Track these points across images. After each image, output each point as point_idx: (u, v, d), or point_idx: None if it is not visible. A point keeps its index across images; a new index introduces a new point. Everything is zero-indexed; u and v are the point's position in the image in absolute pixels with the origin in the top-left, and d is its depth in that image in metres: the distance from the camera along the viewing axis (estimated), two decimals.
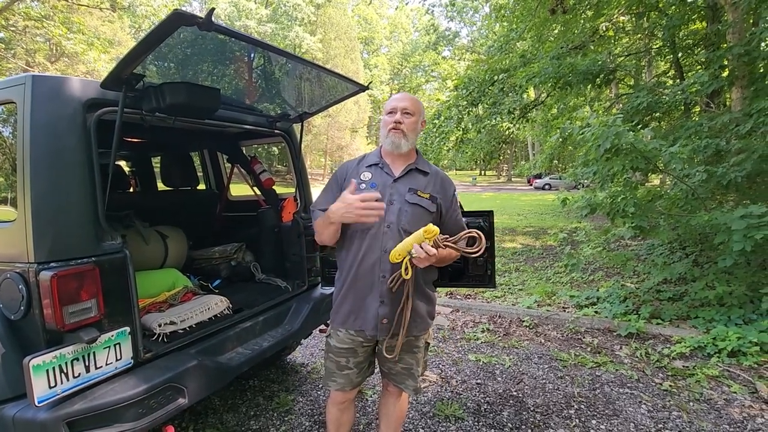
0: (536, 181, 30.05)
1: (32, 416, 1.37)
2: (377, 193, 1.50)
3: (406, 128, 1.63)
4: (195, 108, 1.90)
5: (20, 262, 1.47)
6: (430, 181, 1.69)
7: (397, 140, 1.63)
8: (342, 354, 1.73)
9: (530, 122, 9.48)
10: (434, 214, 1.64)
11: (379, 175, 1.67)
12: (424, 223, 1.51)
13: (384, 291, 1.60)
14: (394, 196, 1.63)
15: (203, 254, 3.08)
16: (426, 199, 1.63)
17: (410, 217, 1.60)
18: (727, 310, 3.61)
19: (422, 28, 41.39)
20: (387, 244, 1.57)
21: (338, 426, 1.90)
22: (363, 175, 1.68)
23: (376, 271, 1.60)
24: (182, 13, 1.27)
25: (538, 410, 2.62)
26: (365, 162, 1.74)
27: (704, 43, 6.41)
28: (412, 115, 1.65)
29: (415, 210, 1.62)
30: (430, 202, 1.64)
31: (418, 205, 1.62)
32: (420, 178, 1.69)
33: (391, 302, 1.60)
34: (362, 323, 1.66)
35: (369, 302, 1.63)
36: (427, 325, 1.75)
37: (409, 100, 1.67)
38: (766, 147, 3.52)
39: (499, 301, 4.81)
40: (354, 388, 1.80)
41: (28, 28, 13.17)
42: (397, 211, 1.61)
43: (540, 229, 9.95)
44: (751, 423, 2.43)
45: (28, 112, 1.46)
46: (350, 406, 1.90)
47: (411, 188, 1.65)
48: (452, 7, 25.28)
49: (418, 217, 1.60)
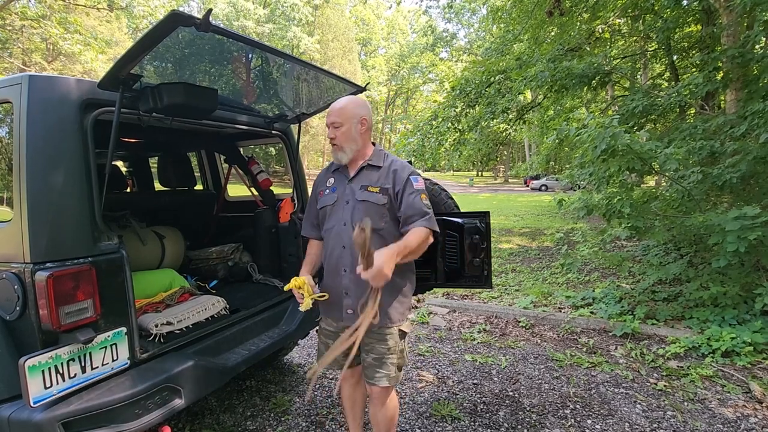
0: (533, 182, 30.13)
1: (28, 417, 1.37)
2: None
3: (339, 141, 1.75)
4: (192, 108, 1.90)
5: (16, 263, 1.47)
6: (382, 174, 1.77)
7: (337, 155, 1.79)
8: (329, 336, 1.87)
9: (527, 124, 9.51)
10: (385, 204, 1.73)
11: (339, 178, 1.84)
12: (375, 216, 1.69)
13: (347, 283, 1.75)
14: (349, 196, 1.78)
15: (200, 255, 3.08)
16: (375, 193, 1.73)
17: (362, 213, 1.71)
18: (721, 311, 3.64)
19: (419, 29, 41.46)
20: (345, 240, 1.73)
21: (353, 402, 2.05)
22: (328, 182, 1.87)
23: (340, 265, 1.76)
24: (180, 14, 1.27)
25: (534, 410, 2.63)
26: (332, 167, 1.90)
27: (699, 46, 6.46)
28: (342, 125, 1.73)
29: (365, 206, 1.74)
30: (380, 195, 1.73)
31: (367, 200, 1.73)
32: (373, 173, 1.78)
33: (354, 294, 1.73)
34: (335, 312, 1.83)
35: (336, 293, 1.79)
36: (393, 318, 1.76)
37: (334, 114, 1.75)
38: (760, 149, 3.55)
39: (496, 302, 4.82)
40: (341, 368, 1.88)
41: (25, 27, 13.10)
42: (350, 210, 1.76)
43: (536, 230, 9.98)
44: (744, 422, 2.45)
45: (25, 112, 1.46)
46: (360, 382, 2.00)
47: (363, 185, 1.76)
48: (450, 8, 25.36)
49: (368, 212, 1.72)
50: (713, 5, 5.32)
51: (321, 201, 1.86)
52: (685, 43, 7.25)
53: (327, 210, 1.83)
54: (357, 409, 2.07)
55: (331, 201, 1.81)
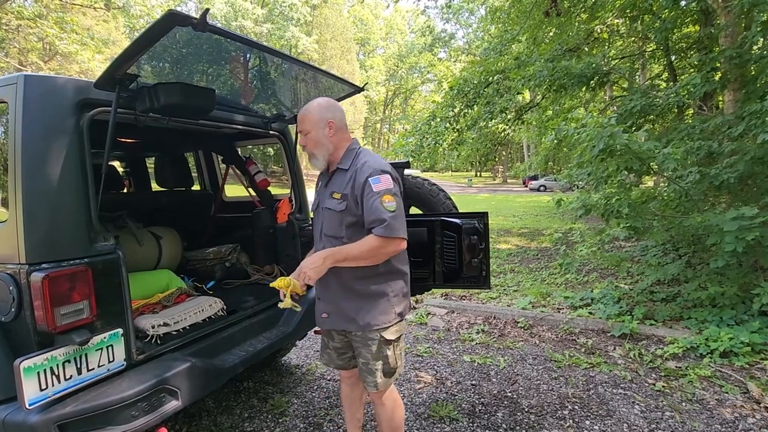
0: (531, 182, 30.19)
1: (23, 419, 1.36)
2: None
3: (309, 148, 1.73)
4: (189, 108, 1.89)
5: (11, 263, 1.46)
6: (346, 177, 1.68)
7: (312, 162, 1.77)
8: (325, 334, 1.94)
9: (525, 124, 9.52)
10: (344, 212, 1.65)
11: (322, 183, 1.83)
12: (335, 224, 1.67)
13: (318, 289, 1.81)
14: (321, 203, 1.77)
15: (198, 255, 3.06)
16: (335, 200, 1.68)
17: (327, 221, 1.72)
18: (720, 311, 3.64)
19: (418, 29, 41.49)
20: (319, 248, 1.73)
21: (350, 402, 2.05)
22: (318, 185, 1.87)
23: None
24: (176, 14, 1.26)
25: (532, 411, 2.63)
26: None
27: (697, 47, 6.47)
28: (309, 132, 1.70)
29: (328, 214, 1.71)
30: (337, 202, 1.67)
31: (329, 208, 1.70)
32: (340, 177, 1.72)
33: (326, 299, 1.78)
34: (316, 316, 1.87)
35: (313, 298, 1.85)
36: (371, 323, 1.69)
37: (300, 121, 1.72)
38: (757, 149, 3.55)
39: (494, 302, 4.82)
40: (339, 368, 1.95)
41: (22, 27, 13.05)
42: (320, 218, 1.77)
43: (535, 230, 9.99)
44: (742, 423, 2.46)
45: (20, 112, 1.45)
46: (358, 383, 1.99)
47: (332, 191, 1.71)
48: (448, 9, 25.37)
49: (330, 220, 1.71)
50: (711, 6, 5.33)
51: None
52: (684, 43, 7.27)
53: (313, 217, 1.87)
54: (355, 408, 2.07)
55: (314, 207, 1.85)
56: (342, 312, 1.74)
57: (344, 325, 1.76)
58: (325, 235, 1.72)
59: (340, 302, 1.74)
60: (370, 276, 1.70)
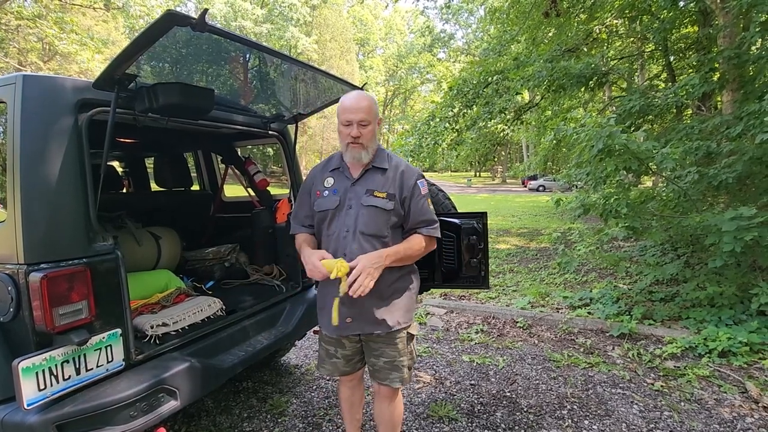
0: (531, 182, 30.18)
1: (21, 419, 1.36)
2: (321, 259, 1.56)
3: (365, 140, 1.63)
4: (188, 108, 1.89)
5: (10, 263, 1.46)
6: (388, 177, 1.68)
7: (357, 154, 1.65)
8: (331, 343, 1.84)
9: (525, 124, 9.54)
10: (392, 211, 1.65)
11: (340, 179, 1.72)
12: (380, 222, 1.61)
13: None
14: (352, 200, 1.67)
15: (197, 255, 3.06)
16: (382, 199, 1.64)
17: (366, 219, 1.63)
18: (718, 311, 3.65)
19: (417, 30, 41.52)
20: (347, 247, 1.63)
21: (350, 404, 2.03)
22: (326, 181, 1.74)
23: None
24: (175, 14, 1.26)
25: (531, 411, 2.63)
26: (329, 166, 1.78)
27: (696, 47, 6.49)
28: (369, 124, 1.63)
29: (371, 212, 1.64)
30: (386, 201, 1.64)
31: (374, 206, 1.64)
32: (378, 176, 1.68)
33: (352, 302, 1.63)
34: (326, 324, 1.75)
35: (331, 303, 1.67)
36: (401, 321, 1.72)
37: (364, 111, 1.61)
38: (756, 149, 3.56)
39: (493, 302, 4.82)
40: (343, 375, 1.90)
41: (21, 27, 13.04)
42: (354, 216, 1.65)
43: (534, 230, 10.00)
44: (740, 422, 2.46)
45: (18, 112, 1.45)
46: (359, 385, 2.00)
47: (368, 189, 1.66)
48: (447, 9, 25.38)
49: (374, 219, 1.64)
50: (710, 6, 5.35)
51: (319, 203, 1.72)
52: (682, 44, 7.29)
53: (328, 214, 1.69)
54: (355, 410, 2.06)
55: (333, 205, 1.68)
56: (370, 315, 1.68)
57: (370, 328, 1.70)
58: (363, 234, 1.63)
59: (367, 305, 1.66)
60: (398, 276, 1.72)
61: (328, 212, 1.69)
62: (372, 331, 1.71)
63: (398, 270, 1.71)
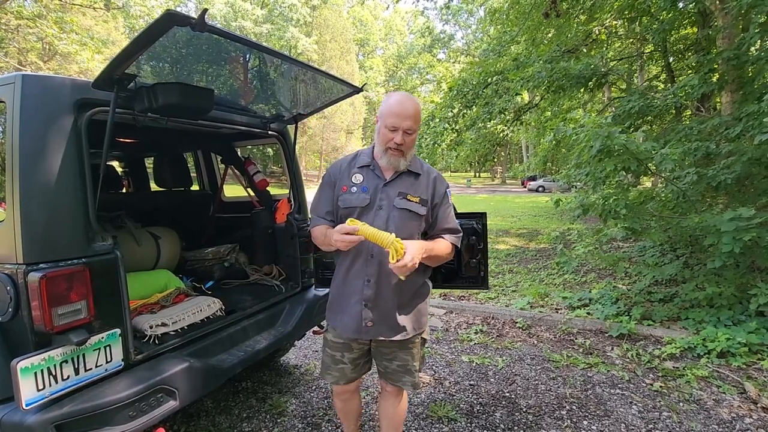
0: (530, 183, 30.18)
1: (20, 419, 1.36)
2: (355, 226, 1.46)
3: (406, 148, 1.59)
4: (188, 108, 1.89)
5: (9, 263, 1.46)
6: (421, 182, 1.67)
7: (395, 161, 1.61)
8: (337, 348, 1.77)
9: (524, 125, 9.54)
10: (424, 216, 1.64)
11: (370, 177, 1.65)
12: (413, 226, 1.59)
13: (369, 294, 1.62)
14: (383, 200, 1.61)
15: (196, 255, 3.06)
16: (415, 203, 1.62)
17: (398, 222, 1.59)
18: (717, 311, 3.65)
19: (417, 30, 41.54)
20: (374, 249, 1.58)
21: (346, 414, 2.01)
22: (354, 177, 1.66)
23: (362, 275, 1.63)
24: (175, 14, 1.26)
25: (530, 411, 2.63)
26: (357, 162, 1.70)
27: (695, 48, 6.50)
28: (414, 133, 1.59)
29: (404, 215, 1.60)
30: (419, 206, 1.63)
31: (407, 209, 1.61)
32: (411, 180, 1.66)
33: (375, 306, 1.62)
34: (343, 326, 1.70)
35: (353, 305, 1.65)
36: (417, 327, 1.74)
37: (412, 118, 1.55)
38: (754, 150, 3.57)
39: (493, 303, 4.82)
40: (349, 382, 1.83)
41: (21, 26, 13.03)
42: (385, 217, 1.60)
43: (533, 230, 10.00)
44: (739, 423, 2.46)
45: (18, 112, 1.45)
46: (353, 397, 1.96)
47: (401, 192, 1.63)
48: (447, 9, 25.39)
49: (406, 222, 1.61)
50: (709, 8, 5.35)
51: (346, 199, 1.63)
52: (681, 45, 7.30)
53: (355, 212, 1.61)
54: (351, 417, 2.04)
55: (362, 203, 1.61)
56: (392, 319, 1.65)
57: (389, 333, 1.66)
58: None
59: (391, 309, 1.64)
60: (422, 281, 1.73)
61: (356, 210, 1.62)
62: (387, 337, 1.67)
63: (422, 274, 1.71)
